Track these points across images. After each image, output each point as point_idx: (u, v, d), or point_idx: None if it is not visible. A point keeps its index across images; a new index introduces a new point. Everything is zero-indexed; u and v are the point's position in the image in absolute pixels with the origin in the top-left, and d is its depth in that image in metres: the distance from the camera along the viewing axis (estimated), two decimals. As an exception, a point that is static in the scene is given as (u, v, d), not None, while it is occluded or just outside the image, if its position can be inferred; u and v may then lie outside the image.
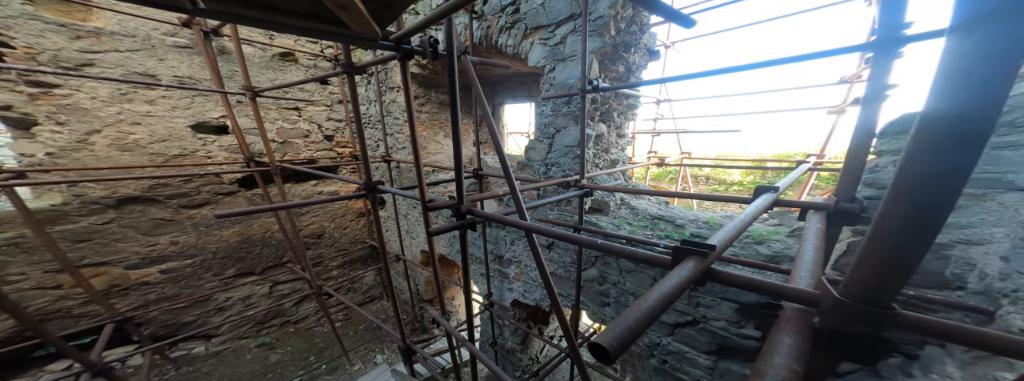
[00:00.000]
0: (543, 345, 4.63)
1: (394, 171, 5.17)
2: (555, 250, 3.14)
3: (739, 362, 2.29)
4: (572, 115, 2.79)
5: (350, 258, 6.49)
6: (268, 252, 5.38)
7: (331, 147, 5.84)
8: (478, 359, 1.78)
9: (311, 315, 6.01)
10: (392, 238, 6.13)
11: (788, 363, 0.53)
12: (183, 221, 4.59)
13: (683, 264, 0.79)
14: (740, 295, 2.14)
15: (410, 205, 5.30)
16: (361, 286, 6.76)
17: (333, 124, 5.76)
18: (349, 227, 6.40)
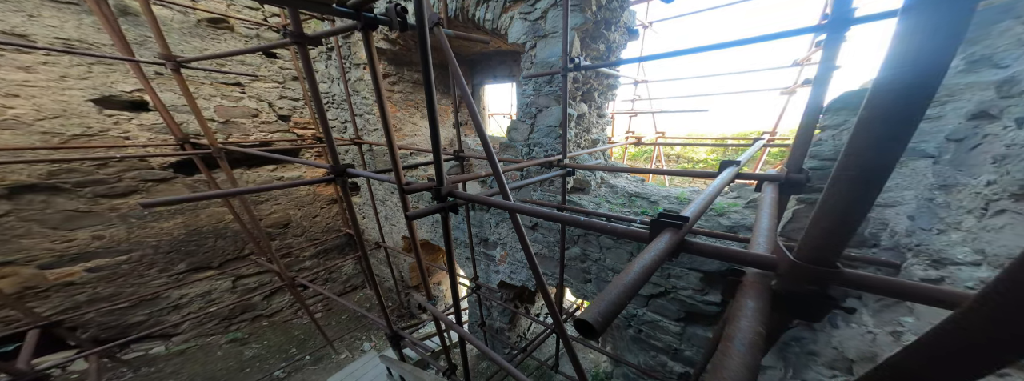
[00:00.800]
0: (530, 323, 4.89)
1: (366, 155, 4.88)
2: (539, 230, 3.22)
3: (703, 326, 2.57)
4: (554, 94, 2.75)
5: (324, 247, 6.25)
6: (225, 244, 5.02)
7: (289, 128, 5.35)
8: (467, 340, 1.84)
9: (286, 308, 5.84)
10: (370, 225, 5.95)
11: (753, 325, 0.59)
12: (105, 212, 4.07)
13: (660, 237, 0.84)
14: (705, 264, 2.35)
15: (387, 190, 5.10)
16: (339, 276, 6.58)
17: (288, 103, 5.24)
18: (319, 215, 6.09)
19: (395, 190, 4.95)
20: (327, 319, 5.89)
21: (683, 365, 2.71)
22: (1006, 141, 1.14)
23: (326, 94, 5.18)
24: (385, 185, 5.10)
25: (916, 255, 1.36)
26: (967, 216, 1.24)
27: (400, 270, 5.83)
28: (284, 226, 5.66)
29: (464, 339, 1.97)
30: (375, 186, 5.30)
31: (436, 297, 5.92)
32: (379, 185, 5.23)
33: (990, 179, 1.15)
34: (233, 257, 5.12)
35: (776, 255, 0.76)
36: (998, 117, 1.26)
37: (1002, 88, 1.31)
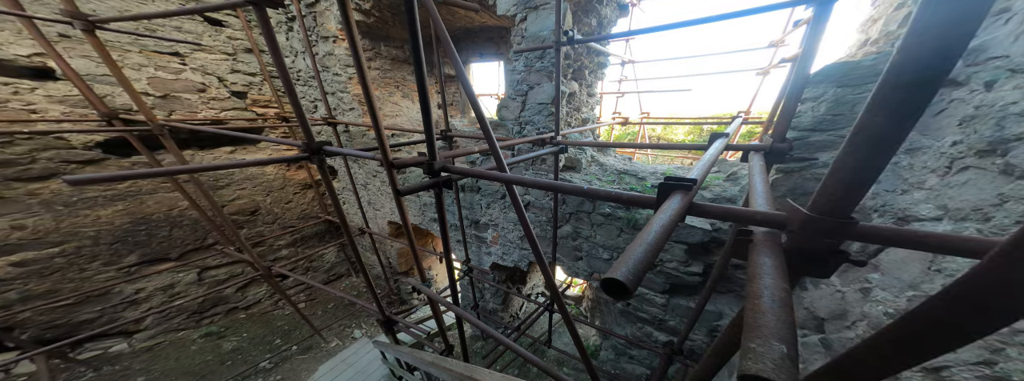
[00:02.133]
0: (522, 303, 5.01)
1: (342, 136, 4.53)
2: (531, 210, 3.21)
3: (685, 297, 2.72)
4: (545, 71, 2.63)
5: (302, 235, 5.92)
6: (182, 234, 4.60)
7: (246, 106, 4.80)
8: (464, 319, 1.83)
9: (265, 299, 5.57)
10: (351, 211, 5.69)
11: (778, 282, 0.58)
12: (21, 199, 3.55)
13: (671, 198, 0.81)
14: (689, 236, 2.45)
15: (369, 174, 4.84)
16: (321, 264, 6.32)
17: (242, 78, 4.66)
18: (293, 201, 5.70)
19: (377, 173, 4.68)
20: (311, 309, 5.71)
21: (667, 334, 2.89)
22: (974, 103, 1.20)
23: (288, 69, 4.63)
24: (366, 168, 4.80)
25: (881, 215, 1.46)
26: (930, 175, 1.33)
27: (388, 256, 5.69)
28: (252, 213, 5.25)
29: (462, 319, 1.95)
30: (355, 169, 4.99)
31: (428, 281, 5.88)
32: (359, 168, 4.93)
33: (955, 139, 1.23)
34: (194, 248, 4.73)
35: (786, 212, 0.76)
36: (964, 83, 1.33)
37: (968, 57, 1.38)
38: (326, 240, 6.21)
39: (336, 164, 5.29)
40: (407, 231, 1.85)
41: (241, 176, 5.00)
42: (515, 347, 1.86)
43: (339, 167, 5.32)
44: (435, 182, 1.51)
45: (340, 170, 5.35)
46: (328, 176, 1.83)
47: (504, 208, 3.42)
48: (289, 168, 5.50)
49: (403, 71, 4.58)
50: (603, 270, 3.02)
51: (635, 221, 2.62)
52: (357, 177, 5.07)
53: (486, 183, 3.45)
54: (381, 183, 4.72)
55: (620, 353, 3.44)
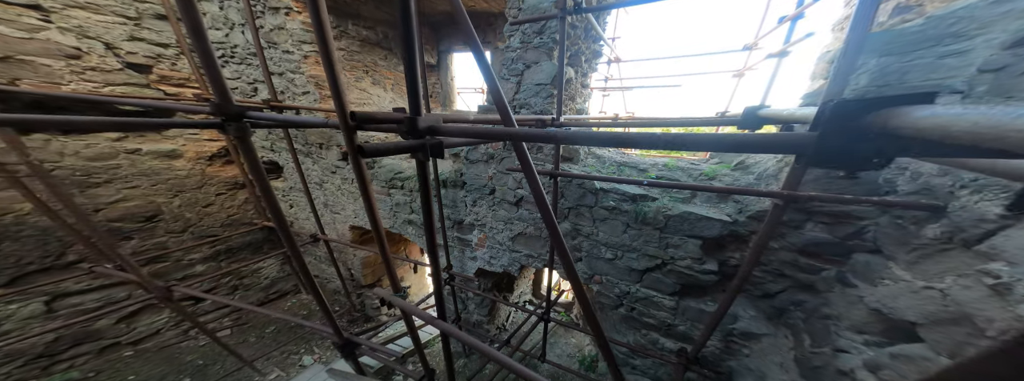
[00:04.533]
0: (509, 313, 4.33)
1: None
2: (523, 207, 2.65)
3: (697, 299, 2.29)
4: (545, 47, 2.17)
5: (228, 246, 4.54)
6: (19, 249, 3.16)
7: (149, 83, 3.57)
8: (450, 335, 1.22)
9: (167, 329, 4.08)
10: (301, 215, 4.58)
11: None
12: None
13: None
14: (705, 230, 2.04)
15: (325, 170, 3.92)
16: (257, 281, 4.90)
17: (148, 49, 3.49)
18: (216, 204, 4.31)
19: (337, 168, 3.76)
20: (242, 336, 4.39)
21: (676, 341, 2.41)
22: None
23: (221, 44, 3.62)
24: (323, 163, 3.88)
25: (977, 190, 1.09)
26: None
27: (350, 267, 4.61)
28: (149, 219, 3.81)
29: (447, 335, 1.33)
30: (308, 165, 4.01)
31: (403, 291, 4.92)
32: (314, 163, 3.97)
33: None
34: (41, 268, 3.27)
35: None
36: None
37: None
38: (263, 251, 4.76)
39: (282, 159, 4.25)
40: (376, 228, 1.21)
41: (132, 171, 3.60)
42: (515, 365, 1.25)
43: (285, 162, 4.25)
44: (419, 144, 0.93)
45: (287, 166, 4.25)
46: (254, 153, 1.15)
47: (493, 205, 2.84)
48: (211, 162, 4.17)
49: (374, 55, 3.93)
50: (605, 271, 2.51)
51: (643, 215, 2.16)
52: (310, 174, 4.08)
53: (472, 177, 2.86)
54: (342, 180, 3.81)
55: (622, 364, 2.90)
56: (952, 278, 1.10)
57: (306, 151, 3.95)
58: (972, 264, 1.06)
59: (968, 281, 1.03)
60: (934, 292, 1.11)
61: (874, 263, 1.48)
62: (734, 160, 2.51)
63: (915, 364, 1.01)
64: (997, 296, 0.91)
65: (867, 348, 1.29)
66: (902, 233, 1.40)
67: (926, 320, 1.08)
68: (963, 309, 0.98)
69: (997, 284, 0.92)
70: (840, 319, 1.49)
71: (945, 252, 1.19)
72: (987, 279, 0.97)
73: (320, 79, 3.36)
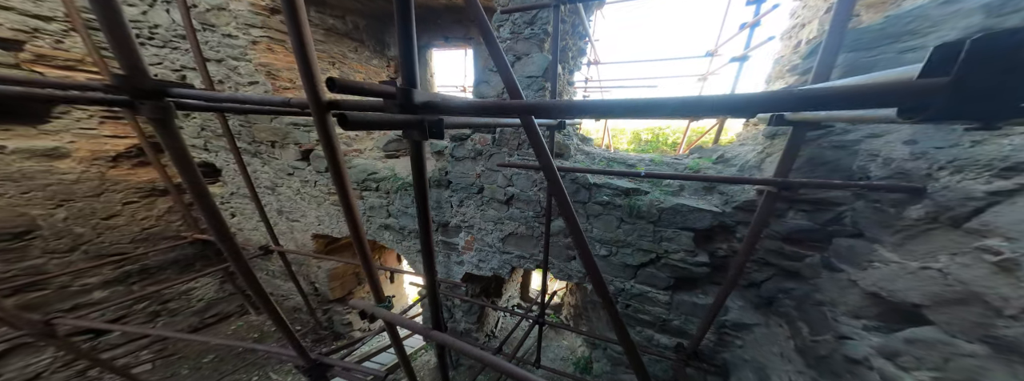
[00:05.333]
0: (497, 319, 4.07)
1: (236, 121, 3.16)
2: (515, 205, 2.47)
3: (689, 292, 2.24)
4: (536, 38, 2.05)
5: (142, 266, 3.57)
6: None
7: (18, 63, 2.79)
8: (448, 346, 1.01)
9: (51, 372, 3.08)
10: (248, 225, 3.88)
11: None
12: None
13: None
14: (697, 222, 2.01)
15: (280, 171, 3.36)
16: (188, 304, 3.95)
17: (19, 20, 2.73)
18: (122, 215, 3.41)
19: (294, 170, 3.25)
20: (169, 369, 3.53)
21: (671, 336, 2.34)
22: None
23: (136, 23, 3.04)
24: (274, 165, 3.32)
25: (957, 171, 1.11)
26: None
27: (313, 280, 3.95)
28: (18, 236, 2.91)
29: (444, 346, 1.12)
30: (256, 166, 3.40)
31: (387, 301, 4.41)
32: (263, 164, 3.37)
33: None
34: None
35: None
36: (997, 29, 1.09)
37: (990, 9, 1.18)
38: (198, 268, 3.89)
39: (220, 160, 3.62)
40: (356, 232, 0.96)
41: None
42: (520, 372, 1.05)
43: (225, 164, 3.61)
44: (416, 120, 0.73)
45: (227, 168, 3.61)
46: (182, 144, 0.87)
47: (481, 205, 2.62)
48: (115, 164, 3.34)
49: (342, 46, 3.57)
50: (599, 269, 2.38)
51: (636, 208, 2.08)
52: (259, 178, 3.50)
53: (458, 176, 2.63)
54: (302, 184, 3.32)
55: (616, 363, 2.77)
56: (946, 257, 1.09)
57: (253, 150, 3.40)
58: (964, 242, 1.05)
59: (966, 259, 1.01)
60: (933, 272, 1.09)
61: (858, 247, 1.49)
62: (715, 155, 2.55)
63: (934, 349, 0.97)
64: (1005, 273, 0.89)
65: (868, 333, 1.26)
66: (882, 216, 1.42)
67: (931, 301, 1.05)
68: (969, 288, 0.96)
69: (1001, 260, 0.90)
70: (835, 305, 1.47)
71: (930, 232, 1.20)
72: (988, 256, 0.95)
73: (273, 68, 2.93)
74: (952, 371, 0.90)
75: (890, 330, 1.21)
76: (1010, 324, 0.83)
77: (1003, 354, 0.82)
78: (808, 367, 1.43)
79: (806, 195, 1.70)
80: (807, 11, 2.93)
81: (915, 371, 0.99)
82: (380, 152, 3.33)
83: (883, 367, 1.08)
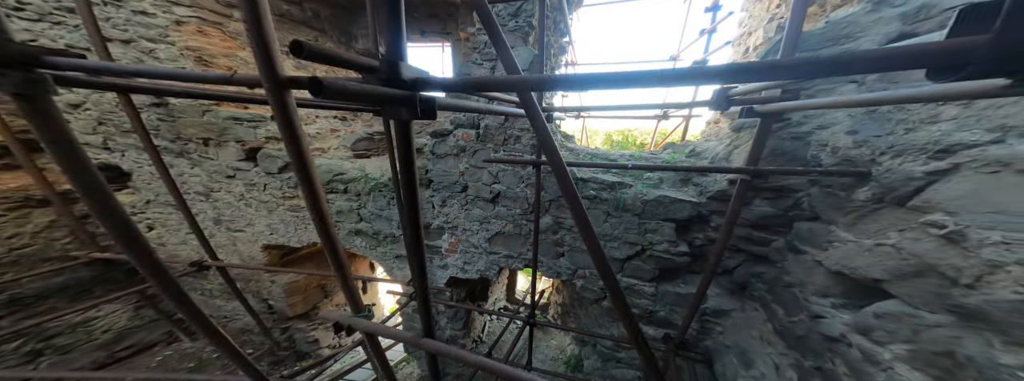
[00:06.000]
0: (484, 323, 3.88)
1: (150, 116, 2.61)
2: (501, 203, 2.36)
3: (672, 282, 2.30)
4: (520, 31, 1.98)
5: (11, 295, 2.81)
6: None
7: None
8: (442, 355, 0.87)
9: None
10: (172, 238, 3.26)
11: None
12: None
13: None
14: (677, 212, 2.07)
15: (218, 172, 2.82)
16: (89, 336, 3.18)
17: None
18: None
19: (237, 171, 2.77)
20: None
21: (657, 327, 2.37)
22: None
23: None
24: (208, 166, 2.77)
25: (893, 157, 1.22)
26: (946, 108, 1.13)
27: (265, 297, 3.42)
28: None
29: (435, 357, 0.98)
30: (182, 167, 2.81)
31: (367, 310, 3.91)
32: (191, 166, 2.78)
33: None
34: None
35: None
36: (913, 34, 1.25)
37: (905, 17, 1.35)
38: (99, 294, 3.11)
39: (128, 161, 2.96)
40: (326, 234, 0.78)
41: None
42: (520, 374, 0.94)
43: (136, 166, 2.98)
44: (406, 96, 0.64)
45: (140, 171, 2.97)
46: (68, 133, 0.63)
47: (466, 204, 2.47)
48: None
49: (298, 34, 3.23)
50: (588, 265, 2.36)
51: (621, 202, 2.09)
52: (188, 182, 2.93)
53: (440, 174, 2.47)
54: (247, 187, 2.85)
55: (607, 359, 2.75)
56: (896, 234, 1.19)
57: (178, 150, 2.82)
58: (910, 219, 1.16)
59: (915, 234, 1.11)
60: (888, 248, 1.18)
61: (816, 229, 1.61)
62: (687, 149, 2.68)
63: (902, 322, 1.03)
64: (952, 244, 0.98)
65: (837, 311, 1.34)
66: (835, 200, 1.55)
67: (891, 276, 1.13)
68: (924, 260, 1.04)
69: (948, 233, 0.99)
70: (804, 285, 1.56)
71: (878, 211, 1.31)
72: (934, 230, 1.05)
73: (206, 53, 2.47)
74: (925, 343, 0.96)
75: (856, 307, 1.29)
76: (967, 293, 0.89)
77: (969, 322, 0.89)
78: (789, 349, 1.49)
79: (769, 183, 1.82)
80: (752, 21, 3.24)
81: (890, 345, 1.04)
82: (347, 151, 3.01)
83: (861, 343, 1.14)
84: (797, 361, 1.40)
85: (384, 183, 2.58)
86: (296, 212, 2.85)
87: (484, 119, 2.22)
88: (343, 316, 1.03)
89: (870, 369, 1.06)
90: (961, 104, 1.12)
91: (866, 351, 1.10)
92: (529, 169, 2.22)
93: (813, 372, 1.30)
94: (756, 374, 1.63)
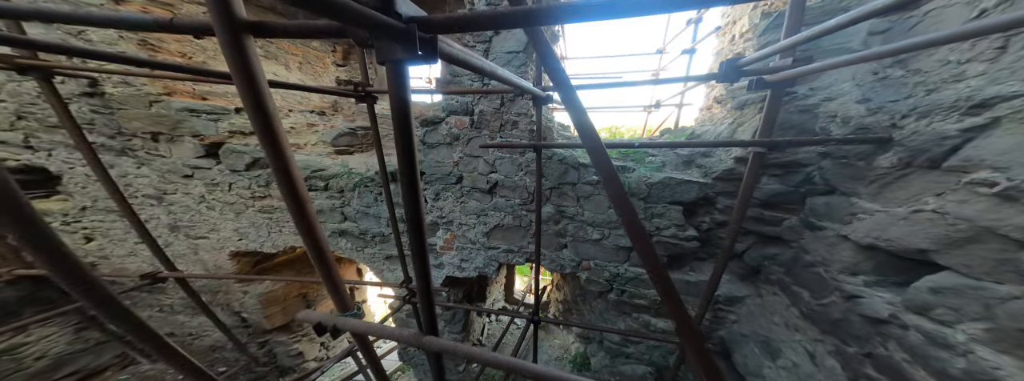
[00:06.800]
0: (483, 325, 3.62)
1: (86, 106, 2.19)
2: (499, 194, 2.17)
3: (680, 271, 2.16)
4: None
5: None
6: None
7: None
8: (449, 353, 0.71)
9: None
10: (117, 249, 2.80)
11: None
12: None
13: None
14: (684, 194, 1.94)
15: (170, 174, 2.44)
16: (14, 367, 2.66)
17: None
18: None
19: (195, 169, 2.42)
20: None
21: (667, 319, 2.21)
22: None
23: None
24: (159, 165, 2.41)
25: (922, 116, 1.12)
26: (970, 65, 1.04)
27: (237, 309, 3.02)
28: None
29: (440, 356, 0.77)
30: (125, 168, 2.41)
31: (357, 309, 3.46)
32: (137, 166, 2.40)
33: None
34: None
35: None
36: None
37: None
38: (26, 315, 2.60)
39: (57, 162, 2.50)
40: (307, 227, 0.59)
41: None
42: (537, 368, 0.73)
43: (67, 168, 2.53)
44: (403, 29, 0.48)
45: (72, 174, 2.52)
46: None
47: (461, 197, 2.27)
48: None
49: (261, 16, 2.96)
50: (593, 255, 2.19)
51: (626, 185, 1.93)
52: (136, 184, 2.49)
53: (432, 165, 2.26)
54: (208, 188, 2.48)
55: (615, 355, 2.57)
56: (933, 198, 1.07)
57: (120, 147, 2.40)
58: (948, 180, 1.04)
59: (959, 195, 0.99)
60: (928, 215, 1.07)
61: (835, 202, 1.50)
62: (685, 133, 2.58)
63: (966, 296, 0.89)
64: (1009, 202, 0.86)
65: (871, 289, 1.21)
66: (852, 170, 1.44)
67: (939, 245, 1.01)
68: (976, 224, 0.92)
69: (1003, 190, 0.87)
70: (828, 264, 1.44)
71: (906, 177, 1.21)
72: (982, 189, 0.93)
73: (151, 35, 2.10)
74: (1004, 319, 0.82)
75: (893, 284, 1.17)
76: (995, 253, 0.76)
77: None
78: (825, 334, 1.34)
79: (777, 159, 1.72)
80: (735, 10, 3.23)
81: (960, 325, 0.90)
82: (327, 147, 2.74)
83: (920, 324, 0.99)
84: (838, 348, 1.25)
85: (370, 178, 2.33)
86: (268, 214, 2.53)
87: (479, 104, 2.04)
88: (327, 316, 0.80)
89: (941, 353, 0.91)
90: (987, 59, 1.03)
91: (930, 333, 0.95)
92: (528, 156, 2.05)
93: (861, 359, 1.15)
94: (786, 364, 1.48)
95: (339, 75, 3.47)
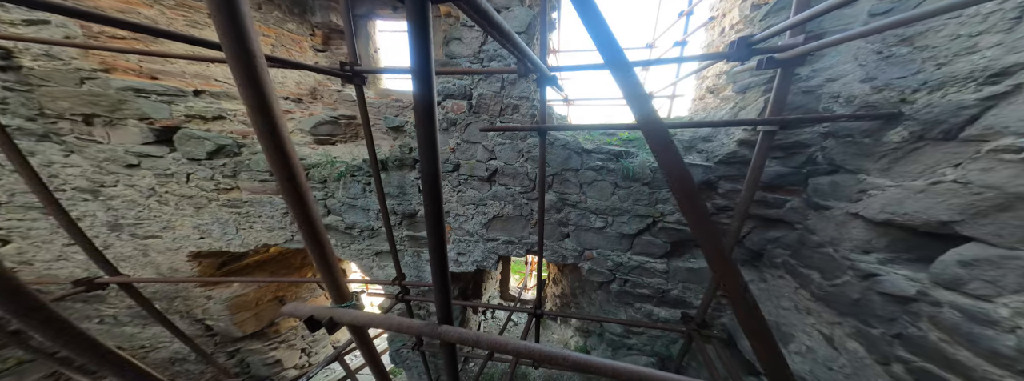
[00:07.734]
0: (479, 323, 3.45)
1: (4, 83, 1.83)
2: (498, 182, 2.02)
3: (684, 258, 2.10)
4: None
5: None
6: None
7: None
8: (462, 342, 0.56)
9: None
10: (41, 254, 2.38)
11: None
12: None
13: None
14: (690, 183, 1.84)
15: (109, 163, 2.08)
16: None
17: None
18: None
19: (142, 158, 2.07)
20: None
21: (670, 308, 2.15)
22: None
23: None
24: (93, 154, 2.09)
25: (934, 90, 1.08)
26: (983, 37, 1.00)
27: (201, 316, 2.64)
28: None
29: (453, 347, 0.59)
30: (55, 157, 2.06)
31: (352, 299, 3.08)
32: (66, 154, 2.10)
33: None
34: None
35: None
36: None
37: None
38: None
39: None
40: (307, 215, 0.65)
41: None
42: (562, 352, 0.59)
43: None
44: None
45: None
46: None
47: (458, 185, 2.09)
48: None
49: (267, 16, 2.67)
50: (596, 244, 2.09)
51: (630, 171, 1.84)
52: (64, 175, 2.14)
53: (423, 152, 2.05)
54: (159, 180, 2.13)
55: (617, 347, 2.49)
56: (951, 169, 1.03)
57: (42, 131, 2.00)
58: (966, 150, 1.00)
59: (982, 164, 0.95)
60: (948, 186, 1.02)
61: (842, 181, 1.47)
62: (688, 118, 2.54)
63: (1002, 267, 0.84)
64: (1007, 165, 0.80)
65: (887, 266, 1.17)
66: (858, 147, 1.41)
67: (963, 215, 0.96)
68: (1005, 190, 0.87)
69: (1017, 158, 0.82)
70: (837, 243, 1.40)
71: (918, 150, 1.17)
72: (1008, 155, 0.88)
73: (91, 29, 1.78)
74: None
75: (908, 260, 1.12)
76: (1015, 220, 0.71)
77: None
78: (842, 316, 1.29)
79: (779, 141, 1.68)
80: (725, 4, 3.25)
81: (1000, 298, 0.84)
82: (306, 136, 2.47)
83: (954, 300, 0.93)
84: (859, 329, 1.19)
85: (357, 166, 2.11)
86: (236, 208, 2.19)
87: (478, 87, 1.87)
88: (320, 308, 0.62)
89: (987, 331, 0.84)
90: (1003, 30, 0.99)
91: (968, 310, 0.89)
92: (529, 141, 1.91)
93: (890, 341, 1.09)
94: (799, 349, 1.43)
95: (318, 61, 3.17)
